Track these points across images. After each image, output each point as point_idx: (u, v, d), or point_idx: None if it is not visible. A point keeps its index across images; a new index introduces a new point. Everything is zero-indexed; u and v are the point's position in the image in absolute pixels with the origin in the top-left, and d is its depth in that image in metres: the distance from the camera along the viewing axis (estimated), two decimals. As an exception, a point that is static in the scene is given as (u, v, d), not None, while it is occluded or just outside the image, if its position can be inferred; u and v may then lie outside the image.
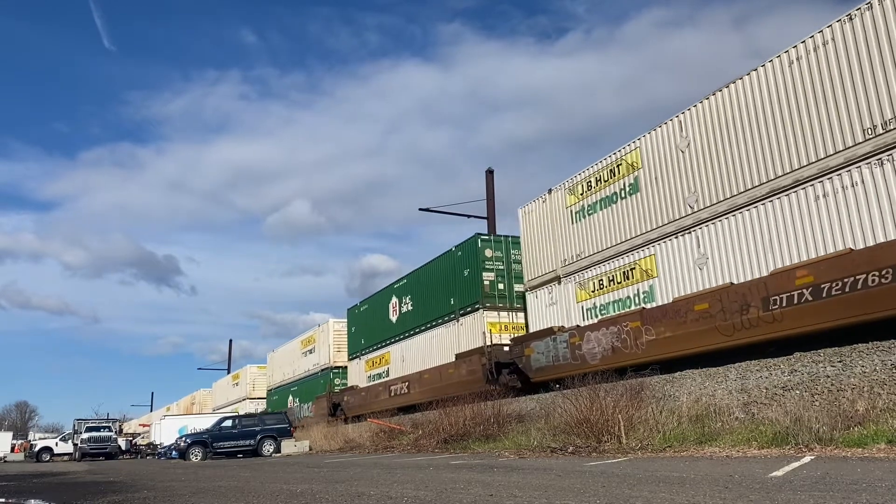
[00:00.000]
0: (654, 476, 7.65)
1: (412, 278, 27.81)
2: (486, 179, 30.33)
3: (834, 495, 5.42)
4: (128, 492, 10.28)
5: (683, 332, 14.52)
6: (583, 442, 12.46)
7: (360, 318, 33.07)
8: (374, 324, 30.95)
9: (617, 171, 17.38)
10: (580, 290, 18.37)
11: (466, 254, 23.58)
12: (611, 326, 16.48)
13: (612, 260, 17.28)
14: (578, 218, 18.65)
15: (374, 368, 30.49)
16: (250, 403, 50.49)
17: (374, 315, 31.15)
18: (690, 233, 15.09)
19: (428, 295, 26.02)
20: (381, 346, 30.02)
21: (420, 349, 26.08)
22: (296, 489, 8.82)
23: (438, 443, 17.67)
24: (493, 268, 22.72)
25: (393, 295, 29.33)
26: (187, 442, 28.22)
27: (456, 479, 8.69)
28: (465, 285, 23.37)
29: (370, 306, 32.08)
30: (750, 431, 10.57)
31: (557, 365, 18.02)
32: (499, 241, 23.22)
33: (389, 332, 29.17)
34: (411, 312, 27.40)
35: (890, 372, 9.97)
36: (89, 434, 42.01)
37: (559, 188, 19.50)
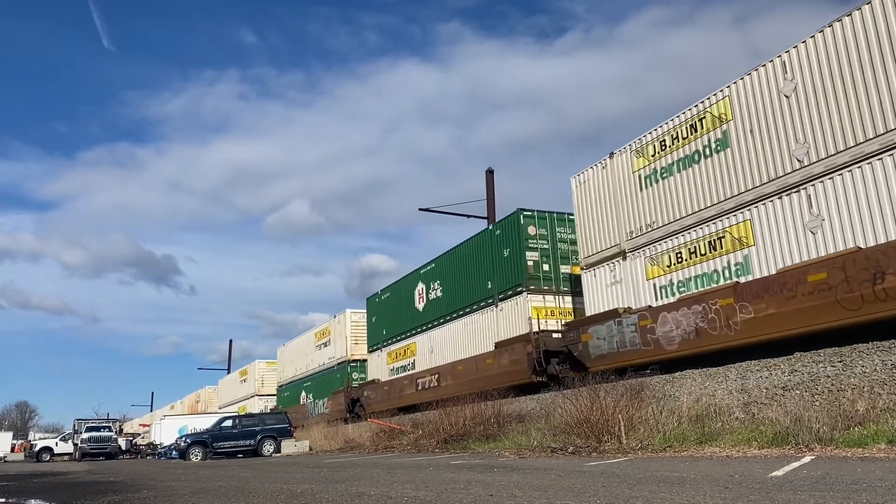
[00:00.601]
0: (654, 476, 7.65)
1: (442, 262, 25.81)
2: (486, 179, 30.33)
3: (834, 495, 5.42)
4: (128, 492, 10.27)
5: (792, 308, 12.26)
6: (583, 442, 12.46)
7: (382, 308, 30.91)
8: (398, 313, 28.93)
9: (699, 125, 15.12)
10: (651, 266, 16.19)
11: (507, 232, 21.52)
12: (693, 305, 14.34)
13: (694, 229, 15.10)
14: (649, 183, 16.39)
15: (398, 361, 28.54)
16: (259, 401, 49.27)
17: (398, 303, 29.09)
18: (799, 191, 12.89)
19: (460, 279, 24.11)
20: (405, 336, 28.00)
21: (452, 339, 24.18)
22: (296, 489, 8.81)
23: (438, 443, 17.67)
24: (538, 247, 20.71)
25: (419, 281, 27.17)
26: (187, 442, 28.21)
27: (456, 479, 8.69)
28: (505, 267, 21.37)
29: (392, 294, 30.01)
30: (750, 431, 10.57)
31: (623, 352, 15.96)
32: (543, 217, 21.07)
33: (415, 321, 27.14)
34: (441, 299, 25.35)
35: (890, 372, 9.97)
36: (89, 434, 42.01)
37: (623, 151, 17.22)
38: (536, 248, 20.74)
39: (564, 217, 21.00)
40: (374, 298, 31.99)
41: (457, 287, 24.30)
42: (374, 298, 31.99)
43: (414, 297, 27.46)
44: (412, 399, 25.17)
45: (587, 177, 18.58)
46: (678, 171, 15.63)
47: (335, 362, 35.93)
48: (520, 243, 20.75)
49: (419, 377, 25.66)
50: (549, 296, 20.51)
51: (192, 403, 68.15)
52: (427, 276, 26.62)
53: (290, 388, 43.04)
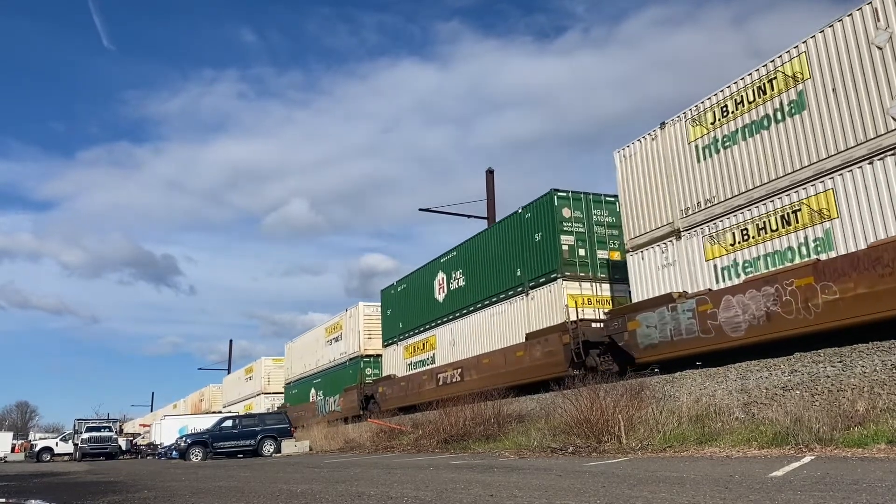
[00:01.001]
0: (654, 476, 7.65)
1: (465, 249, 24.42)
2: (486, 179, 30.38)
3: (834, 495, 5.42)
4: (128, 492, 10.28)
5: (889, 286, 10.91)
6: (583, 442, 12.46)
7: (398, 300, 29.38)
8: (416, 305, 27.49)
9: (770, 86, 13.64)
10: (711, 245, 14.75)
11: (539, 215, 20.10)
12: (764, 287, 12.92)
13: (763, 202, 13.60)
14: (707, 154, 14.95)
15: (416, 355, 27.09)
16: (265, 399, 48.22)
17: (416, 295, 27.63)
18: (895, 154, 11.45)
19: (486, 267, 22.68)
20: (424, 329, 26.56)
21: (476, 330, 22.84)
22: (296, 489, 8.82)
23: (438, 443, 17.68)
24: (573, 230, 19.33)
25: (439, 270, 25.68)
26: (187, 442, 28.21)
27: (456, 479, 8.69)
28: (536, 252, 20.02)
29: (409, 286, 28.45)
30: (750, 431, 10.57)
31: (679, 341, 14.61)
32: (578, 198, 19.69)
33: (435, 312, 25.73)
34: (463, 289, 23.94)
35: (890, 372, 9.97)
36: (89, 434, 42.03)
37: (677, 120, 15.77)
38: (571, 232, 19.36)
39: (601, 198, 19.86)
40: (389, 290, 30.42)
41: (481, 276, 22.91)
42: (389, 290, 30.42)
43: (433, 287, 25.97)
44: (432, 395, 23.25)
45: (633, 150, 17.00)
46: (743, 140, 14.14)
47: (347, 358, 34.47)
48: (553, 226, 19.39)
49: (440, 372, 24.27)
50: (585, 283, 19.11)
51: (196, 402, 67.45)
52: (448, 265, 25.19)
53: (299, 385, 41.71)
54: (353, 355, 33.67)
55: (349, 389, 32.49)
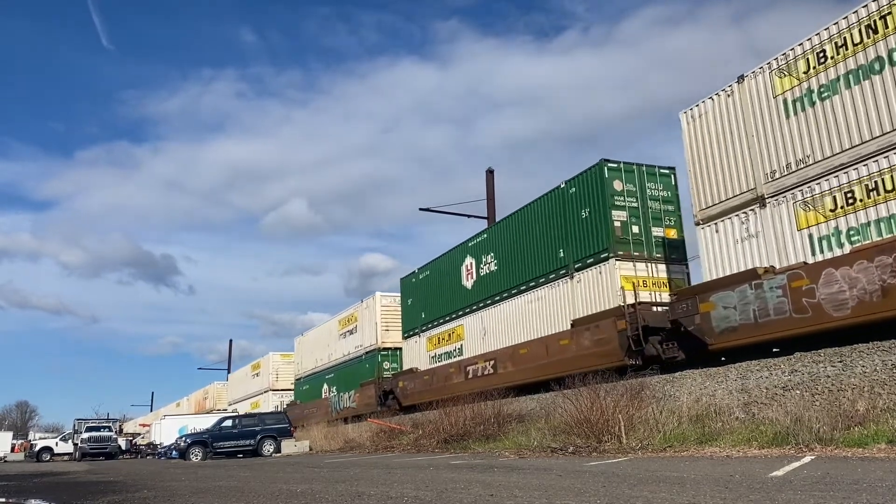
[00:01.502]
0: (654, 476, 7.65)
1: (497, 232, 22.74)
2: (486, 179, 30.39)
3: (834, 495, 5.41)
4: (128, 492, 10.27)
5: None
6: (583, 442, 12.46)
7: (420, 288, 27.47)
8: (440, 293, 25.68)
9: (881, 24, 11.89)
10: (805, 212, 13.03)
11: (585, 189, 18.32)
12: (878, 257, 11.21)
13: (874, 159, 11.88)
14: (800, 107, 13.27)
15: (441, 346, 25.24)
16: (273, 396, 46.45)
17: (440, 282, 25.80)
18: None
19: (521, 250, 20.89)
20: (449, 319, 24.80)
21: (510, 319, 21.15)
22: (296, 489, 8.81)
23: (438, 443, 17.68)
24: (625, 205, 17.59)
25: (467, 255, 23.89)
26: (187, 442, 28.21)
27: (456, 479, 8.69)
28: (583, 230, 18.23)
29: (433, 273, 26.57)
30: (750, 431, 10.57)
31: (764, 322, 12.89)
32: (630, 170, 17.94)
33: (462, 300, 23.99)
34: (495, 274, 22.20)
35: (890, 372, 9.98)
36: (89, 434, 42.04)
37: (758, 72, 14.17)
38: (624, 207, 17.56)
39: (655, 170, 18.21)
40: (409, 279, 28.53)
41: (516, 259, 21.11)
42: (409, 279, 28.53)
43: (461, 273, 24.17)
44: (461, 388, 21.65)
45: (704, 110, 15.37)
46: (847, 88, 12.46)
47: (363, 351, 32.62)
48: (603, 201, 17.55)
49: (469, 364, 22.54)
50: (639, 263, 17.27)
51: (200, 400, 65.95)
52: (477, 249, 23.34)
53: (310, 381, 39.73)
54: (370, 348, 31.82)
55: (366, 384, 30.90)
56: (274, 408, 42.77)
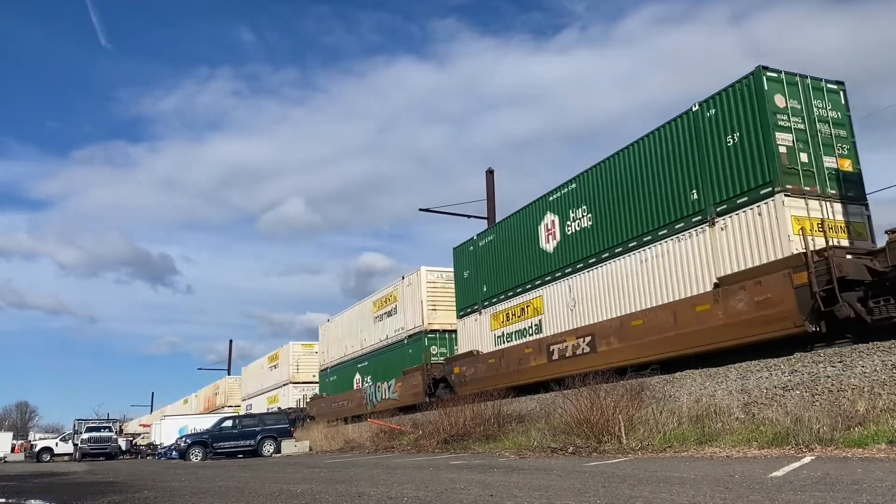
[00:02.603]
0: (654, 476, 7.65)
1: (590, 180, 18.35)
2: (486, 179, 30.40)
3: (834, 495, 5.42)
4: (128, 492, 10.28)
5: None
6: (583, 442, 12.46)
7: (480, 257, 23.40)
8: (509, 261, 21.75)
9: None
10: None
11: (733, 108, 14.46)
12: None
13: None
14: None
15: (510, 324, 21.38)
16: (294, 389, 42.50)
17: (509, 248, 21.84)
18: None
19: (628, 198, 16.83)
20: (522, 290, 20.93)
21: (611, 284, 17.14)
22: (296, 489, 8.82)
23: (438, 443, 17.68)
24: (790, 126, 13.88)
25: (547, 212, 19.94)
26: (187, 442, 28.23)
27: (456, 480, 8.70)
28: (729, 163, 14.40)
29: (499, 238, 22.60)
30: (750, 432, 10.58)
31: None
32: (793, 82, 14.19)
33: (541, 267, 20.07)
34: (588, 232, 18.15)
35: (890, 372, 9.98)
36: (89, 434, 42.10)
37: None
38: (789, 129, 13.89)
39: (821, 85, 14.55)
40: (466, 247, 24.43)
41: (621, 210, 17.07)
42: (466, 247, 24.43)
43: (538, 234, 20.31)
44: (542, 372, 18.65)
45: None
46: None
47: (404, 335, 28.55)
48: (762, 121, 13.83)
49: (554, 342, 18.69)
50: (812, 201, 13.58)
51: (210, 396, 62.32)
52: (562, 204, 19.46)
53: (338, 371, 35.76)
54: (414, 331, 27.75)
55: (410, 372, 26.80)
56: (295, 402, 40.09)
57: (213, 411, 54.35)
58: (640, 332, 15.87)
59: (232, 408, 51.81)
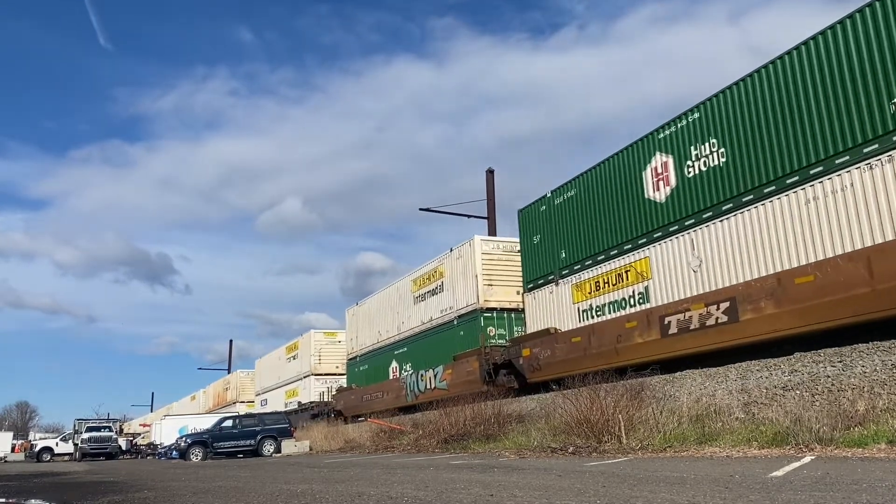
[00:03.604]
0: (654, 476, 7.66)
1: (719, 104, 14.59)
2: (486, 179, 30.40)
3: (834, 495, 5.42)
4: (128, 492, 10.28)
5: None
6: (583, 442, 12.47)
7: (557, 218, 19.46)
8: (599, 218, 17.83)
9: None
10: None
11: None
12: None
13: None
14: None
15: (599, 295, 17.59)
16: (315, 381, 39.26)
17: (599, 203, 17.88)
18: None
19: (783, 119, 13.20)
20: (617, 254, 17.09)
21: (755, 236, 13.48)
22: (296, 489, 8.82)
23: (439, 443, 17.69)
24: None
25: (656, 153, 16.17)
26: (187, 442, 28.28)
27: (456, 479, 8.70)
28: None
29: (584, 191, 18.48)
30: (750, 431, 10.58)
31: None
32: None
33: (646, 222, 16.25)
34: (718, 171, 14.45)
35: (890, 372, 9.98)
36: (90, 434, 42.17)
37: None
38: None
39: None
40: (536, 207, 20.58)
41: (774, 137, 13.32)
42: (536, 207, 20.58)
43: (642, 182, 16.47)
44: (652, 351, 15.38)
45: None
46: None
47: (454, 315, 24.86)
48: None
49: (670, 313, 15.07)
50: None
51: (220, 392, 59.82)
52: (678, 140, 15.62)
53: (370, 359, 32.04)
54: (467, 310, 23.99)
55: (463, 357, 23.15)
56: (318, 395, 37.50)
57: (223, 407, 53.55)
58: (809, 293, 12.26)
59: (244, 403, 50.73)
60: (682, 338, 14.71)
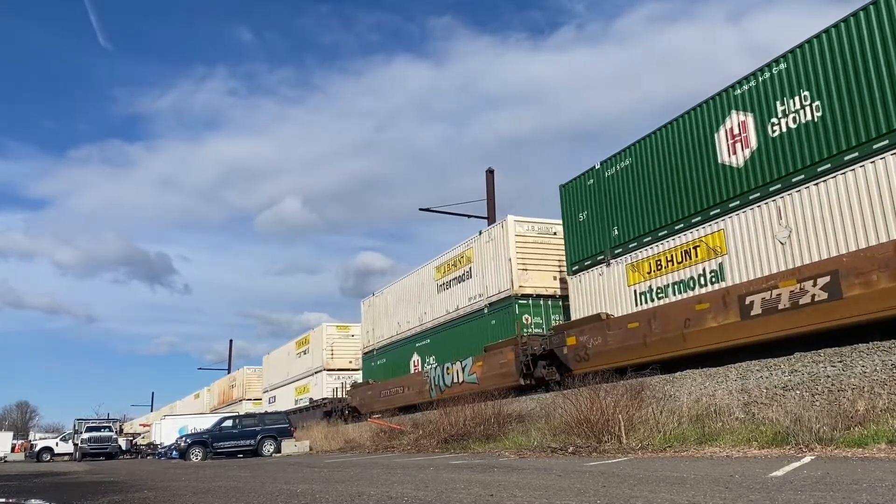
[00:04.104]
0: (654, 476, 7.66)
1: (812, 52, 12.82)
2: (486, 179, 30.40)
3: (834, 495, 5.42)
4: (128, 492, 10.28)
5: None
6: (583, 442, 12.47)
7: (608, 192, 17.65)
8: (659, 189, 15.98)
9: None
10: None
11: None
12: None
13: None
14: None
15: (660, 275, 15.82)
16: (328, 376, 37.89)
17: (660, 172, 16.04)
18: None
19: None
20: (684, 227, 15.25)
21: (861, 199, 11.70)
22: (296, 489, 8.82)
23: (439, 443, 17.70)
24: None
25: (731, 111, 14.28)
26: (187, 442, 28.28)
27: (456, 479, 8.70)
28: None
29: (640, 159, 16.71)
30: (750, 431, 10.58)
31: None
32: None
33: (720, 190, 14.41)
34: (814, 127, 12.64)
35: (890, 372, 9.98)
36: (90, 434, 42.18)
37: None
38: None
39: None
40: (582, 181, 18.73)
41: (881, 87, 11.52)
42: (582, 181, 18.73)
43: (715, 145, 14.64)
44: (729, 336, 13.60)
45: None
46: None
47: (484, 303, 23.15)
48: None
49: (752, 291, 13.25)
50: None
51: (226, 389, 58.57)
52: (758, 96, 13.82)
53: (388, 352, 30.41)
54: (499, 297, 22.40)
55: (495, 348, 21.54)
56: (332, 391, 36.34)
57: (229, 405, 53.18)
58: None
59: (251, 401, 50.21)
60: (767, 320, 12.85)
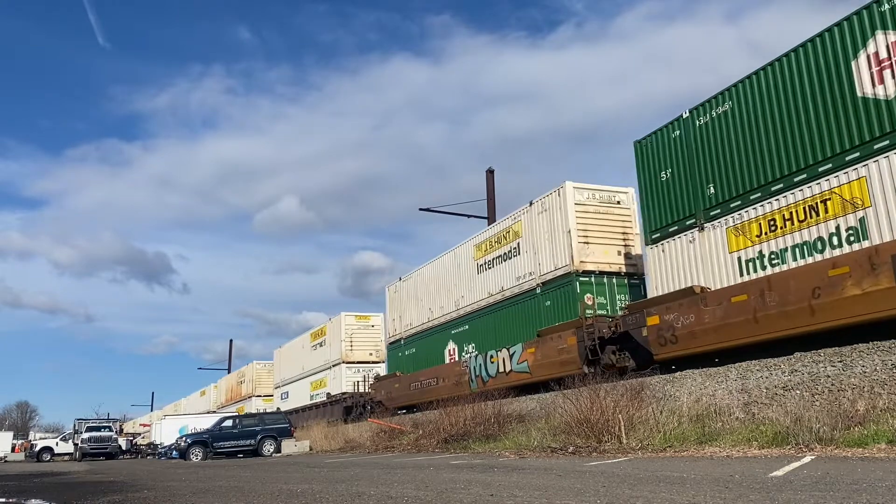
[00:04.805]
0: (654, 476, 7.66)
1: None
2: (486, 179, 30.43)
3: (834, 495, 5.42)
4: (128, 492, 10.28)
5: None
6: (583, 442, 12.47)
7: (700, 144, 15.23)
8: (772, 135, 13.53)
9: None
10: None
11: None
12: None
13: None
14: None
15: (773, 237, 13.40)
16: (347, 370, 35.57)
17: (773, 114, 13.57)
18: None
19: None
20: (807, 179, 12.80)
21: None
22: (296, 489, 8.82)
23: (439, 443, 17.70)
24: None
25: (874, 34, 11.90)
26: (187, 442, 28.27)
27: (456, 479, 8.70)
28: None
29: (744, 102, 14.23)
30: (750, 431, 10.58)
31: None
32: None
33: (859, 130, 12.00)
34: None
35: (890, 372, 9.99)
36: (90, 434, 42.13)
37: None
38: None
39: None
40: (664, 135, 16.28)
41: None
42: (664, 135, 16.28)
43: (851, 75, 12.23)
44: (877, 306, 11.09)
45: None
46: None
47: (536, 281, 20.56)
48: None
49: None
50: None
51: (233, 385, 56.83)
52: None
53: (418, 341, 27.99)
54: (556, 274, 19.71)
55: (553, 332, 18.88)
56: (351, 385, 34.41)
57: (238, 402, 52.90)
58: None
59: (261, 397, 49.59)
60: None
